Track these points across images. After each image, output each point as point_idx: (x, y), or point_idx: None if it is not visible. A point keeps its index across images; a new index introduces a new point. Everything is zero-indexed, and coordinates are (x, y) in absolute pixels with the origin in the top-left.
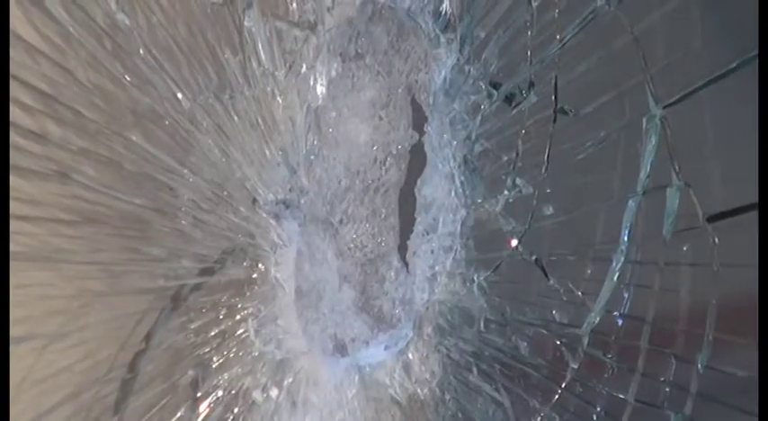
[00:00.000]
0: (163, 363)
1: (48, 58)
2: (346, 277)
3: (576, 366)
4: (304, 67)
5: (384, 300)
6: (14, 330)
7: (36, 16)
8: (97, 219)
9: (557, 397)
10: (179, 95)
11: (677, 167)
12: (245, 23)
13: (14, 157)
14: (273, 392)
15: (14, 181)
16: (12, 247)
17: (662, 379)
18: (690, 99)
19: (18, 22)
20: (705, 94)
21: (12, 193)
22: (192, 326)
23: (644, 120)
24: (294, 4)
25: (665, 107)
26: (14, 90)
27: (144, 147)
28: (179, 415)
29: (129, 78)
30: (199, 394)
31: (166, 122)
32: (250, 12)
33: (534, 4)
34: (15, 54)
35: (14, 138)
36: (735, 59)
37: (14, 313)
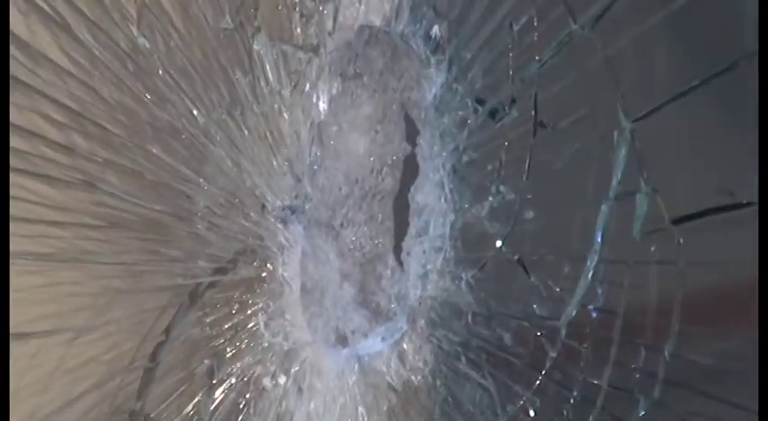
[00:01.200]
0: (181, 354)
1: (75, 78)
2: (347, 276)
3: (554, 355)
4: (308, 85)
5: (381, 296)
6: (45, 324)
7: (64, 40)
8: (121, 224)
9: (537, 382)
10: (195, 112)
11: (645, 175)
12: (254, 47)
13: (44, 168)
14: (282, 379)
15: (44, 189)
16: (43, 249)
17: (632, 366)
18: (657, 113)
19: (47, 45)
20: (670, 109)
21: (42, 201)
22: (208, 320)
23: (615, 132)
24: (298, 29)
25: (634, 121)
26: (44, 106)
27: (163, 159)
28: (196, 400)
29: (149, 96)
30: (214, 381)
31: (183, 136)
32: (258, 36)
33: (515, 28)
34: (44, 74)
35: (44, 149)
36: (697, 77)
37: (45, 309)
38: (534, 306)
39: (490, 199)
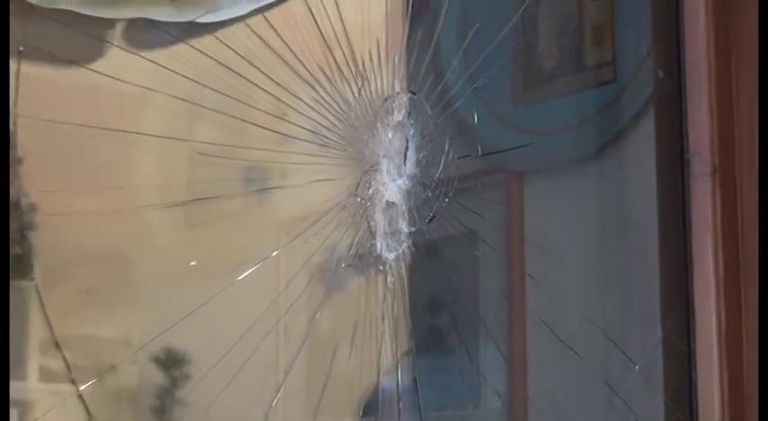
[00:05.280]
0: (361, 177)
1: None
2: (395, 168)
3: (437, 182)
4: (389, 134)
5: (403, 172)
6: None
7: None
8: (351, 157)
9: (432, 187)
10: (365, 136)
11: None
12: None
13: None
14: (382, 187)
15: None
16: (323, 152)
17: (454, 184)
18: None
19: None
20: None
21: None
22: (368, 175)
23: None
24: (389, 135)
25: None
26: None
27: (359, 148)
28: (362, 188)
29: (356, 123)
30: (368, 184)
31: (363, 139)
32: (382, 126)
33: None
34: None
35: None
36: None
37: (324, 169)
38: (432, 175)
39: (421, 154)
